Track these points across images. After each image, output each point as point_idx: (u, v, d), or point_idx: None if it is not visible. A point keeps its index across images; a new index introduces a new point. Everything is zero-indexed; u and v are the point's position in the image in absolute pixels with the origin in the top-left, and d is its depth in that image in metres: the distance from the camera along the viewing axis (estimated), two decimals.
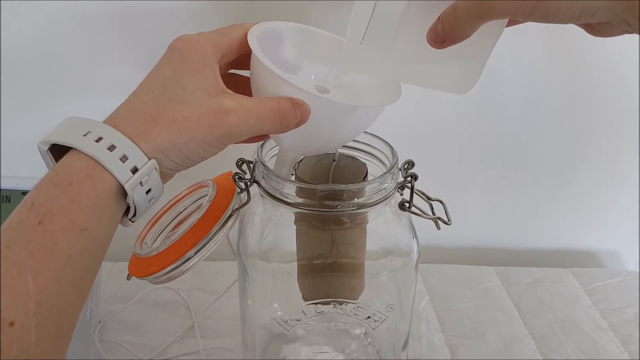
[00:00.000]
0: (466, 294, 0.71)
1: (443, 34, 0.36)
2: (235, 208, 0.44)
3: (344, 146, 0.49)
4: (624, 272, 0.77)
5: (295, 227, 0.47)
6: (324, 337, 0.55)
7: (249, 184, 0.45)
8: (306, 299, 0.49)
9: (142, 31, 0.63)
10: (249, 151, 0.48)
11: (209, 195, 0.45)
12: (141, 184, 0.35)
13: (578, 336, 0.65)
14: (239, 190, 0.45)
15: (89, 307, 0.56)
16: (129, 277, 0.45)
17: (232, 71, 0.45)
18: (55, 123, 0.36)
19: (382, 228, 0.48)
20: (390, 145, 0.48)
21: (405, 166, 0.47)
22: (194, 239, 0.42)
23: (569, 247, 0.82)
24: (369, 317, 0.50)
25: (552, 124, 0.73)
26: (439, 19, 0.36)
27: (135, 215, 0.37)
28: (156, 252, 0.43)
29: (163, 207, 0.49)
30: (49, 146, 0.35)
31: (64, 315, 0.31)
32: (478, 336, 0.65)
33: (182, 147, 0.36)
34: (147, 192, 0.36)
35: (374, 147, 0.49)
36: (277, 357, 0.55)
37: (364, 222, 0.46)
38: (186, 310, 0.67)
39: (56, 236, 0.31)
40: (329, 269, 0.47)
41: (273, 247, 0.49)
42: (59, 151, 0.35)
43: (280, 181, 0.44)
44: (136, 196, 0.35)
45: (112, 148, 0.34)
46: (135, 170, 0.34)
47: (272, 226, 0.48)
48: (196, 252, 0.42)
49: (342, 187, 0.43)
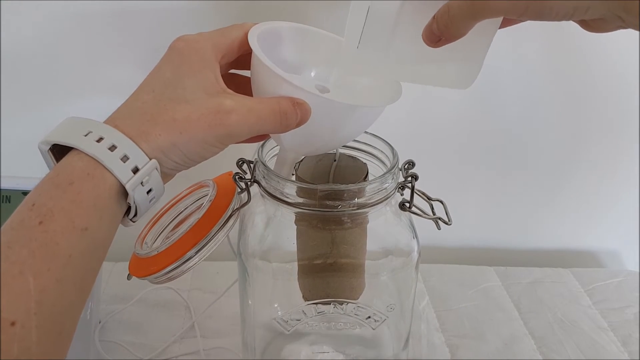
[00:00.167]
0: (466, 294, 0.71)
1: (438, 32, 0.36)
2: (235, 208, 0.44)
3: (344, 146, 0.49)
4: (624, 272, 0.77)
5: (296, 227, 0.47)
6: (324, 337, 0.55)
7: (249, 183, 0.45)
8: (306, 299, 0.49)
9: (142, 31, 0.63)
10: (249, 151, 0.48)
11: (209, 195, 0.45)
12: (142, 184, 0.35)
13: (578, 336, 0.65)
14: (239, 190, 0.45)
15: (89, 307, 0.56)
16: (129, 277, 0.45)
17: (232, 71, 0.45)
18: (55, 123, 0.36)
19: (383, 228, 0.48)
20: (390, 145, 0.48)
21: (406, 166, 0.47)
22: (194, 238, 0.42)
23: (569, 247, 0.82)
24: (369, 317, 0.50)
25: (552, 123, 0.73)
26: (434, 17, 0.36)
27: (136, 215, 0.37)
28: (156, 252, 0.43)
29: (163, 207, 0.49)
30: (49, 146, 0.35)
31: (64, 315, 0.31)
32: (478, 336, 0.65)
33: (182, 147, 0.36)
34: (148, 192, 0.36)
35: (375, 147, 0.49)
36: (277, 357, 0.55)
37: (364, 222, 0.46)
38: (186, 310, 0.67)
39: (57, 236, 0.31)
40: (329, 269, 0.47)
41: (273, 247, 0.49)
42: (59, 151, 0.35)
43: (281, 181, 0.44)
44: (137, 196, 0.35)
45: (113, 148, 0.34)
46: (136, 170, 0.34)
47: (273, 226, 0.48)
48: (196, 252, 0.42)
49: (343, 187, 0.43)
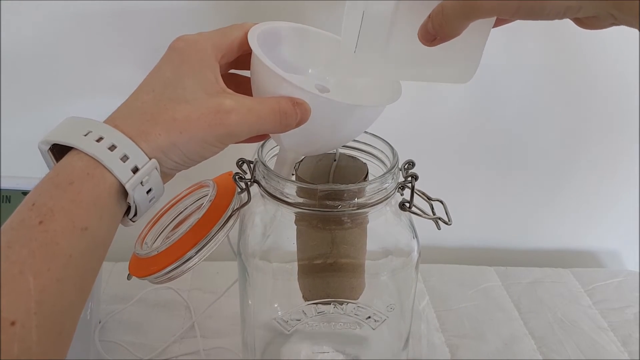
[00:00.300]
0: (466, 294, 0.71)
1: (433, 32, 0.36)
2: (235, 208, 0.44)
3: (344, 146, 0.49)
4: (624, 272, 0.77)
5: (296, 227, 0.47)
6: (324, 337, 0.55)
7: (249, 183, 0.45)
8: (306, 299, 0.49)
9: (142, 31, 0.63)
10: (249, 151, 0.48)
11: (209, 195, 0.45)
12: (142, 183, 0.35)
13: (578, 336, 0.65)
14: (239, 190, 0.45)
15: (89, 307, 0.56)
16: (129, 277, 0.45)
17: (232, 71, 0.45)
18: (55, 123, 0.36)
19: (383, 228, 0.48)
20: (390, 145, 0.48)
21: (406, 166, 0.47)
22: (194, 238, 0.42)
23: (569, 247, 0.82)
24: (369, 317, 0.50)
25: (552, 123, 0.73)
26: (429, 17, 0.36)
27: (136, 215, 0.37)
28: (156, 252, 0.43)
29: (163, 207, 0.49)
30: (49, 146, 0.35)
31: (64, 315, 0.31)
32: (478, 336, 0.65)
33: (182, 146, 0.36)
34: (148, 192, 0.36)
35: (375, 147, 0.49)
36: (277, 357, 0.55)
37: (364, 222, 0.46)
38: (186, 310, 0.67)
39: (57, 236, 0.31)
40: (329, 269, 0.47)
41: (273, 247, 0.49)
42: (59, 151, 0.35)
43: (281, 181, 0.44)
44: (137, 196, 0.35)
45: (112, 148, 0.34)
46: (135, 170, 0.34)
47: (273, 226, 0.48)
48: (197, 252, 0.42)
49: (343, 187, 0.43)
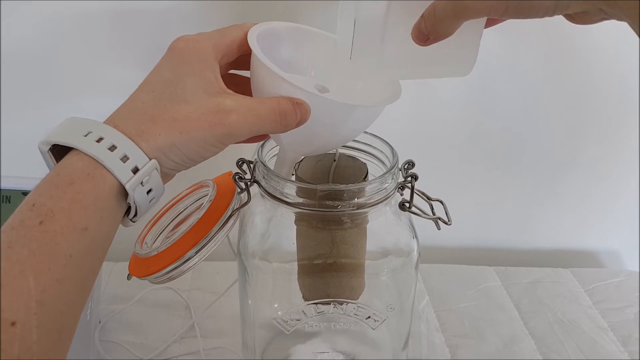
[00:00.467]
0: (466, 294, 0.71)
1: (426, 32, 0.36)
2: (235, 208, 0.44)
3: (344, 146, 0.49)
4: (624, 272, 0.77)
5: (296, 227, 0.47)
6: (324, 337, 0.55)
7: (249, 183, 0.45)
8: (306, 299, 0.49)
9: (142, 31, 0.63)
10: (249, 151, 0.48)
11: (209, 195, 0.45)
12: (142, 184, 0.35)
13: (578, 336, 0.65)
14: (239, 190, 0.45)
15: (89, 307, 0.56)
16: (129, 277, 0.45)
17: (232, 71, 0.45)
18: (55, 123, 0.36)
19: (383, 228, 0.48)
20: (390, 145, 0.48)
21: (406, 166, 0.47)
22: (194, 239, 0.42)
23: (569, 247, 0.82)
24: (369, 317, 0.50)
25: (552, 123, 0.73)
26: (421, 17, 0.36)
27: (136, 215, 0.37)
28: (156, 252, 0.43)
29: (163, 207, 0.49)
30: (49, 146, 0.35)
31: (65, 315, 0.31)
32: (478, 336, 0.65)
33: (182, 146, 0.36)
34: (148, 192, 0.36)
35: (374, 147, 0.49)
36: (277, 357, 0.55)
37: (364, 222, 0.46)
38: (186, 310, 0.67)
39: (57, 236, 0.31)
40: (329, 269, 0.47)
41: (273, 247, 0.49)
42: (59, 151, 0.35)
43: (281, 181, 0.44)
44: (137, 196, 0.35)
45: (112, 148, 0.34)
46: (136, 170, 0.34)
47: (273, 226, 0.48)
48: (196, 252, 0.42)
49: (343, 187, 0.43)
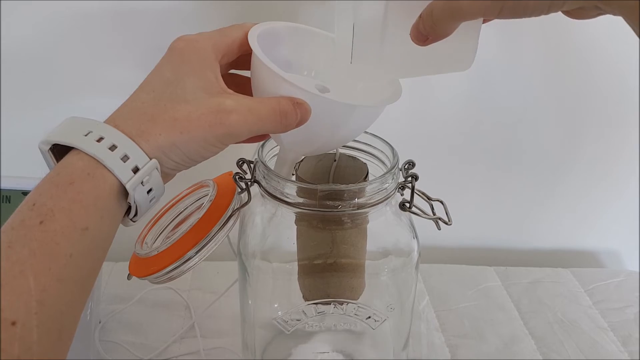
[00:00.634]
0: (466, 294, 0.71)
1: (425, 32, 0.37)
2: (235, 208, 0.44)
3: (344, 146, 0.49)
4: (624, 272, 0.77)
5: (296, 227, 0.47)
6: (324, 337, 0.55)
7: (249, 183, 0.45)
8: (307, 299, 0.49)
9: (142, 31, 0.63)
10: (249, 151, 0.48)
11: (209, 195, 0.45)
12: (142, 183, 0.35)
13: (578, 336, 0.65)
14: (239, 190, 0.45)
15: (89, 307, 0.56)
16: (129, 277, 0.45)
17: (232, 71, 0.45)
18: (55, 123, 0.36)
19: (383, 228, 0.48)
20: (390, 145, 0.48)
21: (406, 166, 0.47)
22: (194, 238, 0.42)
23: (569, 247, 0.82)
24: (369, 317, 0.50)
25: (552, 122, 0.73)
26: (420, 18, 0.36)
27: (136, 215, 0.37)
28: (157, 252, 0.43)
29: (163, 207, 0.49)
30: (50, 146, 0.35)
31: (65, 315, 0.31)
32: (478, 336, 0.65)
33: (182, 146, 0.36)
34: (148, 192, 0.36)
35: (375, 147, 0.49)
36: (277, 357, 0.55)
37: (364, 222, 0.46)
38: (186, 310, 0.67)
39: (57, 236, 0.31)
40: (329, 269, 0.47)
41: (273, 247, 0.49)
42: (60, 151, 0.35)
43: (281, 181, 0.44)
44: (137, 196, 0.35)
45: (113, 148, 0.34)
46: (136, 170, 0.34)
47: (273, 226, 0.48)
48: (197, 252, 0.42)
49: (343, 187, 0.43)
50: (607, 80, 0.71)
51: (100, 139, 0.34)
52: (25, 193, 0.49)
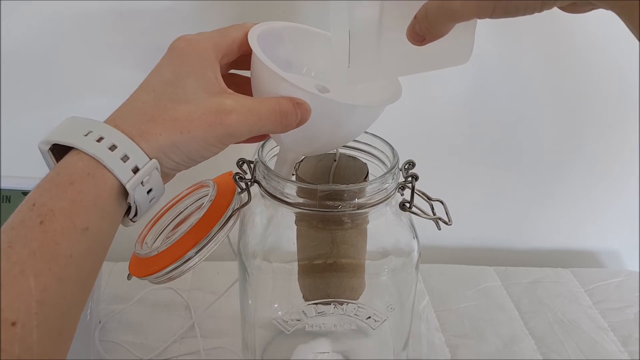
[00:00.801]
0: (466, 294, 0.71)
1: (421, 33, 0.37)
2: (235, 208, 0.44)
3: (344, 146, 0.49)
4: (624, 272, 0.77)
5: (296, 227, 0.47)
6: (324, 337, 0.55)
7: (249, 184, 0.45)
8: (307, 299, 0.49)
9: (142, 31, 0.63)
10: (249, 151, 0.48)
11: (209, 195, 0.45)
12: (142, 183, 0.35)
13: (578, 336, 0.65)
14: (239, 190, 0.45)
15: (89, 307, 0.56)
16: (129, 277, 0.45)
17: (232, 71, 0.45)
18: (55, 123, 0.36)
19: (383, 228, 0.48)
20: (390, 145, 0.48)
21: (406, 166, 0.47)
22: (194, 239, 0.42)
23: (569, 247, 0.82)
24: (369, 317, 0.50)
25: (552, 122, 0.73)
26: (415, 19, 0.37)
27: (136, 215, 0.37)
28: (157, 252, 0.43)
29: (163, 207, 0.49)
30: (49, 146, 0.35)
31: (65, 315, 0.31)
32: (478, 336, 0.65)
33: (182, 146, 0.36)
34: (148, 192, 0.36)
35: (375, 147, 0.49)
36: (277, 357, 0.55)
37: (364, 222, 0.46)
38: (186, 310, 0.67)
39: (57, 236, 0.31)
40: (329, 269, 0.47)
41: (274, 247, 0.49)
42: (60, 151, 0.35)
43: (281, 181, 0.44)
44: (137, 196, 0.35)
45: (113, 148, 0.34)
46: (136, 170, 0.34)
47: (273, 226, 0.48)
48: (197, 252, 0.42)
49: (343, 187, 0.43)
50: (606, 80, 0.71)
51: (100, 139, 0.34)
52: (25, 193, 0.49)
